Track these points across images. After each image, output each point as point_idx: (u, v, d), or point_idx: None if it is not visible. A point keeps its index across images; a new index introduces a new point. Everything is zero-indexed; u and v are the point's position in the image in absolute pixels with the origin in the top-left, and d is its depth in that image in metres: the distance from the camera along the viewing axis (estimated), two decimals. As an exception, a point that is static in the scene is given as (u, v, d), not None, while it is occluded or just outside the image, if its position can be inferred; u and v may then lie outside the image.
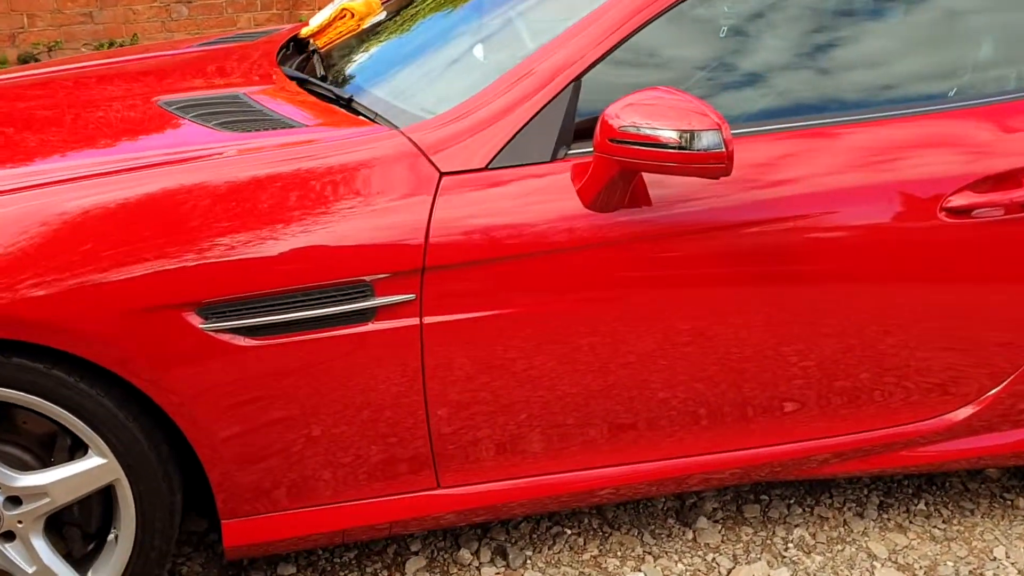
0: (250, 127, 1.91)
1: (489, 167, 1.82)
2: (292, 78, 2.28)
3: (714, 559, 2.21)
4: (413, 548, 2.23)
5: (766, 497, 2.44)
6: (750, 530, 2.32)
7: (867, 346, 2.01)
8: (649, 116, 1.69)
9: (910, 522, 2.36)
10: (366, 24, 2.74)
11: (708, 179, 1.76)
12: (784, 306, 1.93)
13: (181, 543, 2.24)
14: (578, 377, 1.91)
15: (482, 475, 1.98)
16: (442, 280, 1.78)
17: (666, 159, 1.68)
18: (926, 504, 2.43)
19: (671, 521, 2.34)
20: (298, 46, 2.71)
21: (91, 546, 1.91)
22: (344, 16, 2.95)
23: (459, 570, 2.16)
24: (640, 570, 2.16)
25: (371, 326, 1.78)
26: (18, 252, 1.63)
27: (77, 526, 1.88)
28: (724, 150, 1.67)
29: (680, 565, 2.19)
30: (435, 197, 1.78)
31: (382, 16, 2.72)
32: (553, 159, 1.85)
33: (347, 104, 2.07)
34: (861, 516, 2.38)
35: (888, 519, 2.37)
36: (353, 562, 2.19)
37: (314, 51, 2.62)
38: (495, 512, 2.05)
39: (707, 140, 1.67)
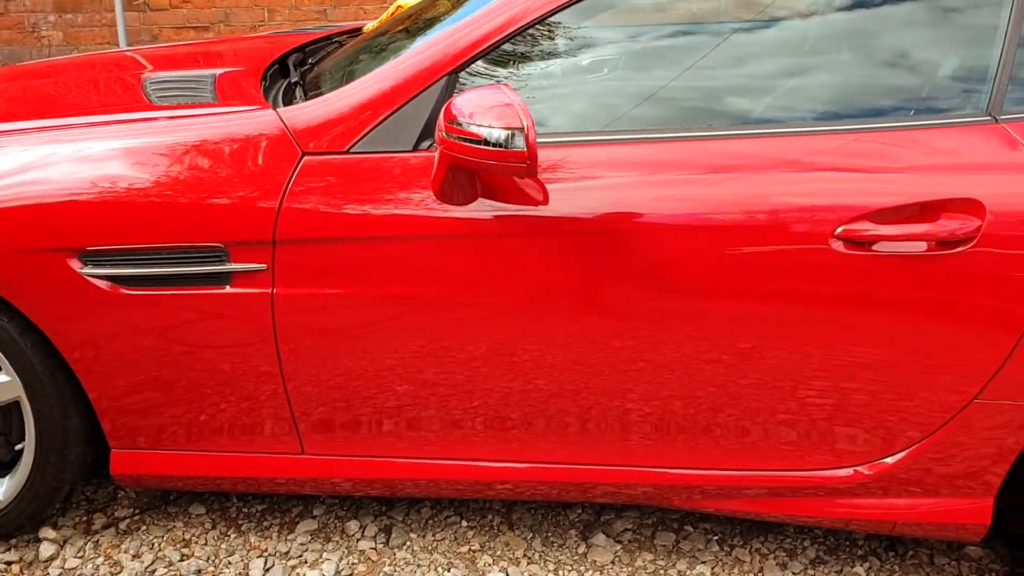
0: (176, 101, 2.13)
1: (350, 151, 1.91)
2: (275, 65, 2.48)
3: (590, 576, 2.15)
4: (315, 512, 2.35)
5: (689, 528, 2.32)
6: (650, 557, 2.22)
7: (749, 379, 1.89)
8: (468, 113, 1.70)
9: (835, 583, 2.16)
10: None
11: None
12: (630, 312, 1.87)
13: (132, 472, 2.50)
14: (417, 364, 1.95)
15: (349, 448, 2.07)
16: (293, 254, 1.89)
17: (480, 156, 1.69)
18: (868, 568, 2.21)
19: (572, 533, 2.29)
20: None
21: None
22: (397, 13, 3.13)
23: (340, 538, 2.26)
24: (506, 571, 2.15)
25: (228, 290, 1.93)
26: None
27: (3, 435, 2.19)
28: (526, 150, 1.65)
29: (550, 575, 2.15)
30: (293, 174, 1.90)
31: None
32: (415, 149, 1.90)
33: (291, 89, 2.24)
34: (783, 567, 2.21)
35: (813, 575, 2.18)
36: (257, 514, 2.35)
37: (338, 43, 2.81)
38: (388, 487, 2.12)
39: (515, 140, 1.66)
